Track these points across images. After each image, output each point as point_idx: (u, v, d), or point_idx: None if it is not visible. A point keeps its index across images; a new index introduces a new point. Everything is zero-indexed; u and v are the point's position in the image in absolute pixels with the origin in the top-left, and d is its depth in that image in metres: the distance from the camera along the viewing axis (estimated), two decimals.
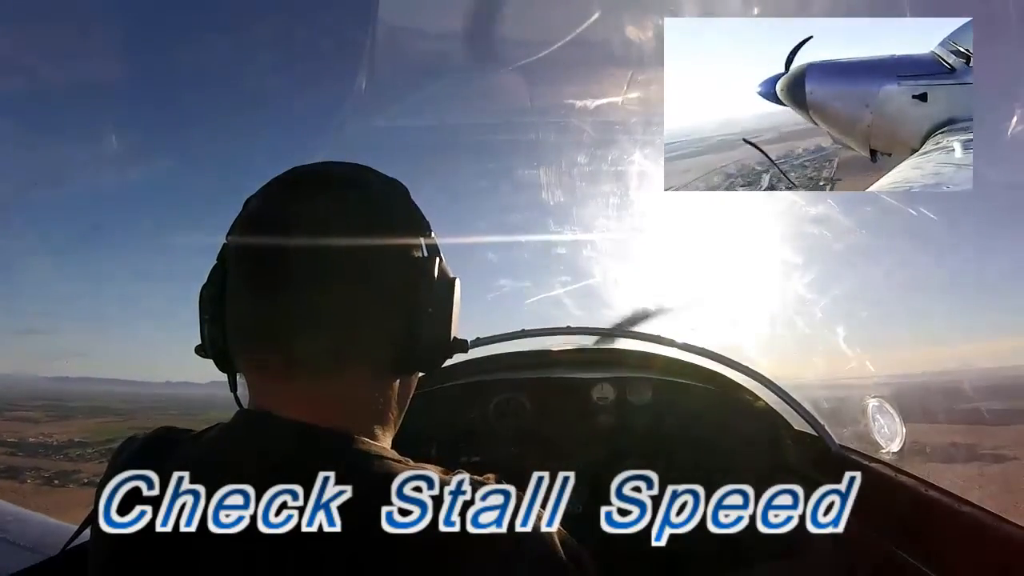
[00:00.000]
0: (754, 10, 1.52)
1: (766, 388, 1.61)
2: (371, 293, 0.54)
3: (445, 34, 2.42)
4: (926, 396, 9.28)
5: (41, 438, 34.48)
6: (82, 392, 62.40)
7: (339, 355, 0.53)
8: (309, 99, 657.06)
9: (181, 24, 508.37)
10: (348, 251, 0.53)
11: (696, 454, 1.56)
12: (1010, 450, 15.22)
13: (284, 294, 0.52)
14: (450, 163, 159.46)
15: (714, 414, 1.63)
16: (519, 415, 1.63)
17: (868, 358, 2.00)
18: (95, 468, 29.75)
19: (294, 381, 0.53)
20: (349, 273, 0.53)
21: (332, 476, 0.47)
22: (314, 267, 0.52)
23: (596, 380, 1.66)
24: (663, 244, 2.51)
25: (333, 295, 0.53)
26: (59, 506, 25.90)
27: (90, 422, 38.47)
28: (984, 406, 10.32)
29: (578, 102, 2.47)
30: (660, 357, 1.79)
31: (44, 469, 30.32)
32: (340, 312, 0.53)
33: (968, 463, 13.46)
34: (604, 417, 1.64)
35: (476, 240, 1.71)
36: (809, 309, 2.21)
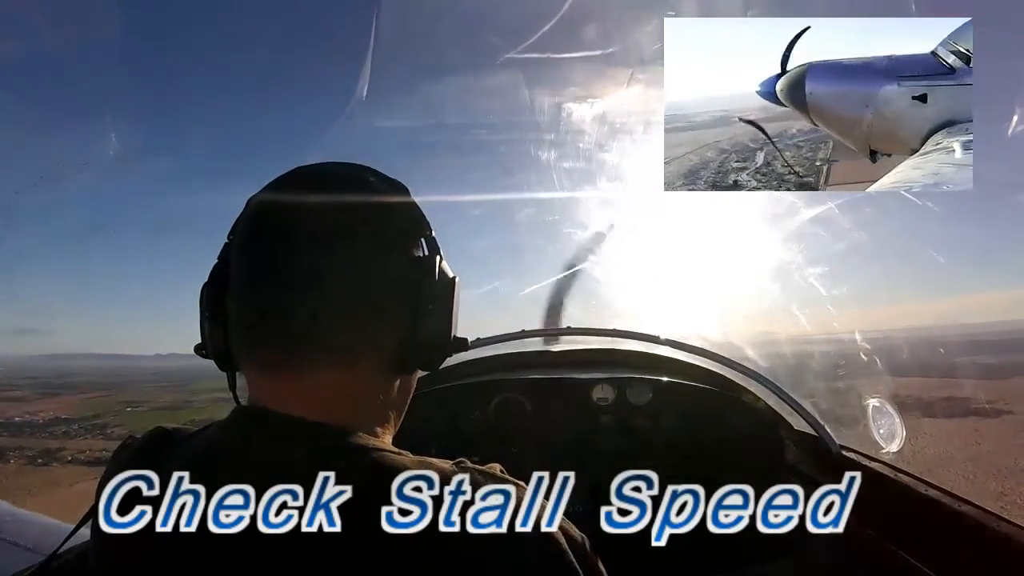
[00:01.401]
0: (754, 10, 1.53)
1: (766, 388, 1.60)
2: (373, 291, 0.54)
3: (445, 35, 2.43)
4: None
5: (27, 417, 34.19)
6: (70, 368, 61.80)
7: (340, 352, 0.54)
8: (310, 99, 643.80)
9: (182, 24, 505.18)
10: (351, 250, 0.53)
11: (696, 454, 1.56)
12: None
13: (286, 292, 0.53)
14: (450, 163, 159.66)
15: (714, 414, 1.63)
16: (519, 415, 1.63)
17: (870, 356, 2.00)
18: (79, 445, 29.51)
19: (295, 378, 0.53)
20: (351, 272, 0.53)
21: (332, 475, 0.47)
22: (317, 265, 0.53)
23: (596, 380, 1.66)
24: (663, 244, 2.51)
25: (335, 293, 0.53)
26: (40, 486, 25.66)
27: (77, 398, 38.23)
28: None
29: (578, 102, 2.47)
30: (660, 357, 1.79)
31: (28, 448, 29.99)
32: (342, 310, 0.53)
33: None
34: (604, 417, 1.64)
35: (476, 239, 1.72)
36: (809, 308, 2.21)
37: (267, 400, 0.54)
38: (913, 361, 10.81)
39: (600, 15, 4.71)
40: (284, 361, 0.53)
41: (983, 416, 22.10)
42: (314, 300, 0.52)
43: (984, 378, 26.39)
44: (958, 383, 24.11)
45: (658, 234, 2.47)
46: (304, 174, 0.58)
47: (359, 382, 0.55)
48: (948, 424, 17.10)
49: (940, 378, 23.76)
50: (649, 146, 2.15)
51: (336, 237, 0.53)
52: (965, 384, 24.42)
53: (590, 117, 2.41)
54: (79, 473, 26.91)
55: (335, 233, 0.53)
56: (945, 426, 16.04)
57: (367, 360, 0.55)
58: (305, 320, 0.52)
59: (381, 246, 0.55)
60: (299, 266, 0.52)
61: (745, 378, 1.65)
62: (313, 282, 0.52)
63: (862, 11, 1.03)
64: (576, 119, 2.46)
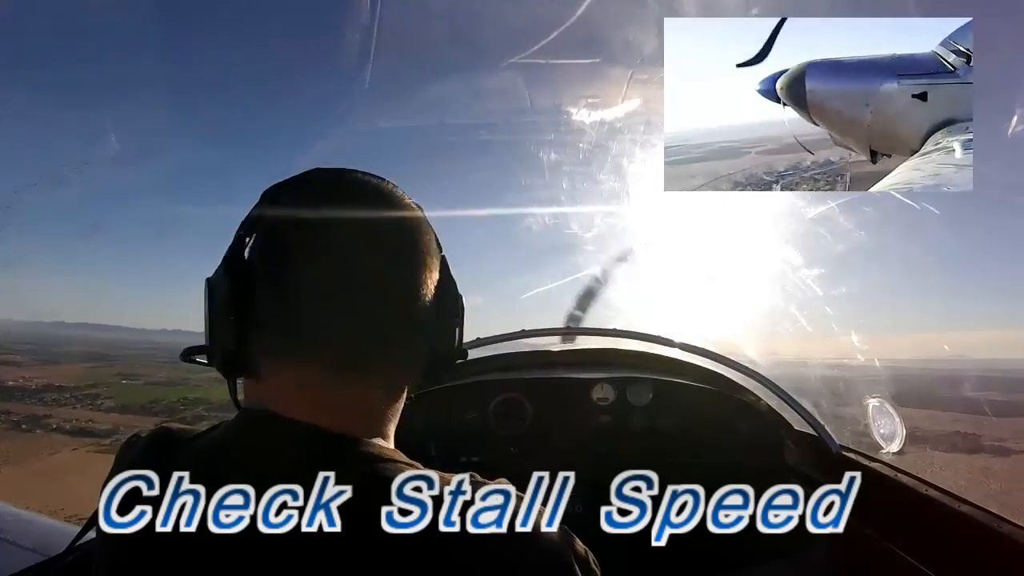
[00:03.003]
0: (754, 10, 1.53)
1: (766, 388, 1.61)
2: (387, 305, 0.55)
3: (445, 35, 2.44)
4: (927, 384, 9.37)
5: (21, 382, 33.66)
6: (73, 337, 61.24)
7: (353, 362, 0.54)
8: (310, 99, 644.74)
9: (182, 24, 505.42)
10: (370, 264, 0.54)
11: (696, 454, 1.56)
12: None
13: (304, 301, 0.53)
14: (450, 163, 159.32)
15: (714, 414, 1.63)
16: (519, 415, 1.63)
17: (872, 356, 2.00)
18: (66, 414, 29.21)
19: (308, 386, 0.53)
20: (368, 285, 0.54)
21: (333, 476, 0.48)
22: (332, 277, 0.53)
23: (596, 380, 1.66)
24: (663, 244, 2.51)
25: (353, 306, 0.53)
26: (19, 455, 25.35)
27: (76, 367, 37.78)
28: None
29: (578, 102, 2.47)
30: (660, 357, 1.79)
31: (15, 413, 29.46)
32: (358, 322, 0.53)
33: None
34: (604, 417, 1.64)
35: (476, 239, 1.72)
36: (810, 308, 2.21)
37: (270, 403, 0.54)
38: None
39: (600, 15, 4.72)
40: (293, 367, 0.53)
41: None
42: (332, 311, 0.53)
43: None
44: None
45: (658, 234, 2.47)
46: (328, 182, 0.58)
47: (368, 390, 0.55)
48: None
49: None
50: (649, 146, 2.15)
51: (357, 251, 0.54)
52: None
53: (590, 117, 2.40)
54: (60, 442, 26.50)
55: (356, 247, 0.54)
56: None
57: (379, 371, 0.55)
58: (318, 329, 0.53)
59: (401, 262, 0.56)
60: (315, 277, 0.53)
61: (745, 378, 1.65)
62: (331, 293, 0.52)
63: (862, 11, 1.03)
64: (576, 119, 2.45)
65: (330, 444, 0.52)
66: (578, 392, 1.66)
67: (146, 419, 27.32)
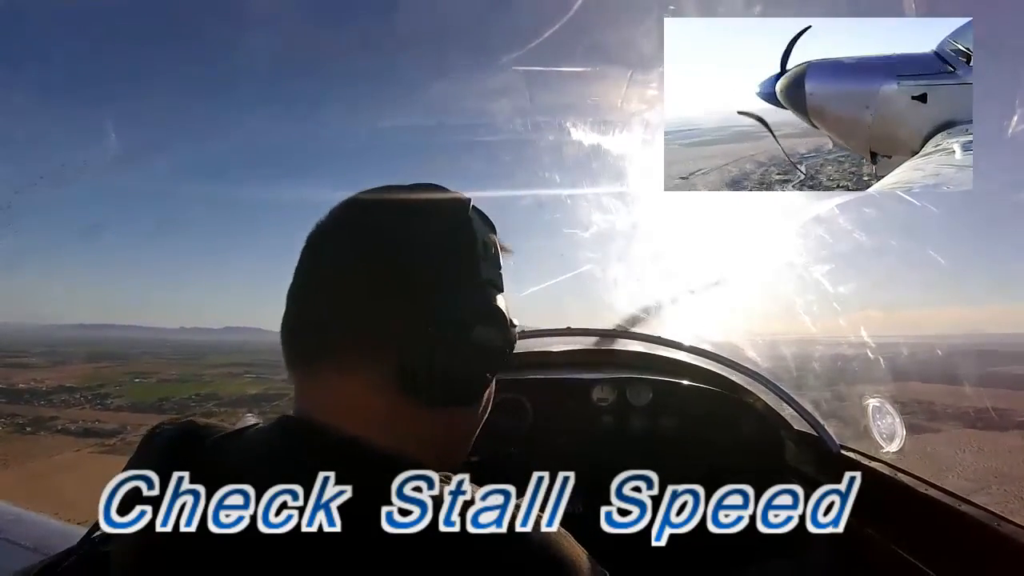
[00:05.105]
0: (754, 10, 1.52)
1: (766, 388, 1.61)
2: (424, 321, 0.53)
3: (445, 35, 2.44)
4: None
5: (31, 384, 33.63)
6: (89, 338, 61.41)
7: (389, 376, 0.53)
8: (310, 99, 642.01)
9: (182, 24, 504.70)
10: (419, 282, 0.54)
11: (696, 454, 1.56)
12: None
13: (345, 306, 0.54)
14: (450, 163, 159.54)
15: (714, 414, 1.63)
16: (519, 415, 1.63)
17: (873, 355, 2.00)
18: (74, 414, 29.11)
19: (339, 391, 0.54)
20: (412, 300, 0.54)
21: (332, 476, 0.48)
22: (377, 287, 0.54)
23: (596, 381, 1.66)
24: (663, 244, 2.51)
25: (394, 317, 0.53)
26: (15, 457, 25.16)
27: (88, 367, 37.70)
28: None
29: (578, 102, 2.47)
30: (660, 357, 1.79)
31: (20, 416, 29.37)
32: (397, 335, 0.53)
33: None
34: (604, 418, 1.64)
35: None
36: (811, 308, 2.21)
37: (307, 408, 0.55)
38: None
39: (600, 15, 4.72)
40: (330, 372, 0.54)
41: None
42: (371, 320, 0.53)
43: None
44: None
45: (658, 234, 2.47)
46: (402, 202, 0.59)
47: (397, 407, 0.54)
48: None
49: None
50: (649, 146, 2.15)
51: (405, 264, 0.54)
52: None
53: (590, 117, 2.40)
54: (64, 443, 26.37)
55: (403, 259, 0.54)
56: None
57: (408, 390, 0.54)
58: (357, 337, 0.53)
59: (440, 279, 0.55)
60: (360, 284, 0.54)
61: (745, 378, 1.65)
62: (373, 302, 0.53)
63: (862, 11, 1.03)
64: (576, 118, 2.45)
65: (329, 443, 0.52)
66: (578, 392, 1.65)
67: (157, 416, 27.66)
